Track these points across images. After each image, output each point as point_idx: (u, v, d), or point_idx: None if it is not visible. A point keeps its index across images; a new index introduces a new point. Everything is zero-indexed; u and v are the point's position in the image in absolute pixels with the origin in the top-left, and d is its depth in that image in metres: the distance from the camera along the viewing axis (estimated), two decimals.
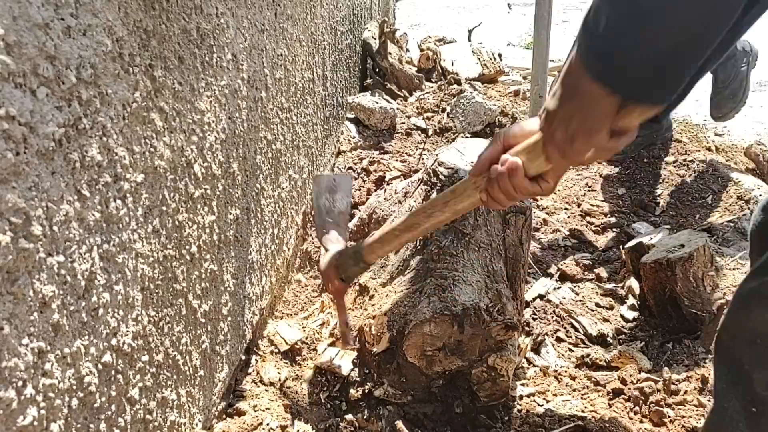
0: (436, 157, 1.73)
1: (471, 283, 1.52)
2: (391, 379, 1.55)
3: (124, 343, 0.95)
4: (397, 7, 5.39)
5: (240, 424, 1.40)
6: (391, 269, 1.66)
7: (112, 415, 0.92)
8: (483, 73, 3.86)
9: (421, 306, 1.50)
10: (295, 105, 1.96)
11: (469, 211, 1.57)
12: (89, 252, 0.84)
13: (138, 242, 0.98)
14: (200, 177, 1.22)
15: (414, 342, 1.49)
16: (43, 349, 0.75)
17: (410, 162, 2.78)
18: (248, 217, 1.55)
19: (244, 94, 1.46)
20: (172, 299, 1.13)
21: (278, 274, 1.87)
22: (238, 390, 1.54)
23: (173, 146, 1.09)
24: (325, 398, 1.57)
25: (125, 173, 0.93)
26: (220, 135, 1.32)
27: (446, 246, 1.57)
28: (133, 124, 0.95)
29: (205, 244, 1.27)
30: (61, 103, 0.76)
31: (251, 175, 1.55)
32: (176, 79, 1.09)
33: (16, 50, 0.68)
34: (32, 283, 0.72)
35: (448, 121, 3.16)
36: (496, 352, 1.49)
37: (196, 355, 1.26)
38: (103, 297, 0.88)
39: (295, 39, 1.92)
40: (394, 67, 3.46)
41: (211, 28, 1.23)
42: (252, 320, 1.63)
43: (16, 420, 0.71)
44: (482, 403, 1.54)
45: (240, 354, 1.57)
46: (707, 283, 1.84)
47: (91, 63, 0.82)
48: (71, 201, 0.79)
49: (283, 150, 1.84)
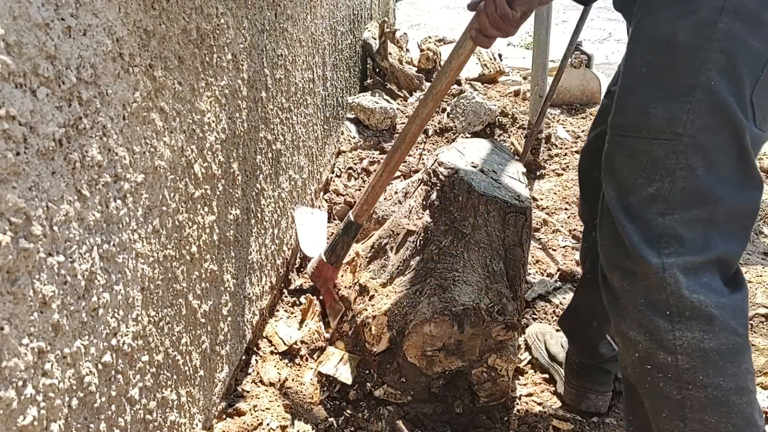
0: (436, 157, 1.73)
1: (471, 283, 1.52)
2: (391, 379, 1.55)
3: (124, 343, 0.95)
4: (397, 7, 5.39)
5: (240, 424, 1.40)
6: (391, 269, 1.66)
7: (112, 415, 0.92)
8: (483, 74, 3.86)
9: (421, 306, 1.50)
10: (295, 105, 1.96)
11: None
12: (89, 252, 0.84)
13: (138, 242, 0.98)
14: (200, 177, 1.22)
15: (414, 342, 1.49)
16: (43, 349, 0.75)
17: (410, 162, 2.78)
18: (248, 217, 1.55)
19: (244, 95, 1.46)
20: (172, 299, 1.13)
21: (278, 274, 1.87)
22: (238, 390, 1.54)
23: (173, 146, 1.09)
24: (325, 398, 1.57)
25: (125, 173, 0.93)
26: (220, 135, 1.32)
27: (446, 246, 1.57)
28: (134, 124, 0.95)
29: (205, 244, 1.27)
30: (61, 103, 0.76)
31: (251, 175, 1.55)
32: (176, 79, 1.09)
33: (17, 50, 0.68)
34: (32, 283, 0.72)
35: (448, 121, 3.16)
36: (496, 352, 1.49)
37: (196, 355, 1.26)
38: (103, 297, 0.88)
39: (295, 39, 1.92)
40: (394, 67, 3.46)
41: (211, 29, 1.23)
42: (252, 320, 1.63)
43: (16, 420, 0.71)
44: (482, 403, 1.54)
45: (240, 354, 1.57)
46: None
47: (92, 63, 0.82)
48: (71, 201, 0.79)
49: (283, 150, 1.84)
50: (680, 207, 1.02)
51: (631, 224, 1.05)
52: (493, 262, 1.59)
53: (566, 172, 2.97)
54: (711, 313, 1.00)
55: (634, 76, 1.05)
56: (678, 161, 1.00)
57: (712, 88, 0.97)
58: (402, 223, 1.70)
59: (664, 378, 1.03)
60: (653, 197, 1.03)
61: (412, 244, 1.64)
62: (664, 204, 1.02)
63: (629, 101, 1.05)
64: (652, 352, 1.04)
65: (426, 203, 1.66)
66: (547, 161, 3.08)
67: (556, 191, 2.80)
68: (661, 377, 1.04)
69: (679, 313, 1.01)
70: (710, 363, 1.00)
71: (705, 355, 1.00)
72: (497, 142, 2.03)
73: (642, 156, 1.03)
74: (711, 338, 1.00)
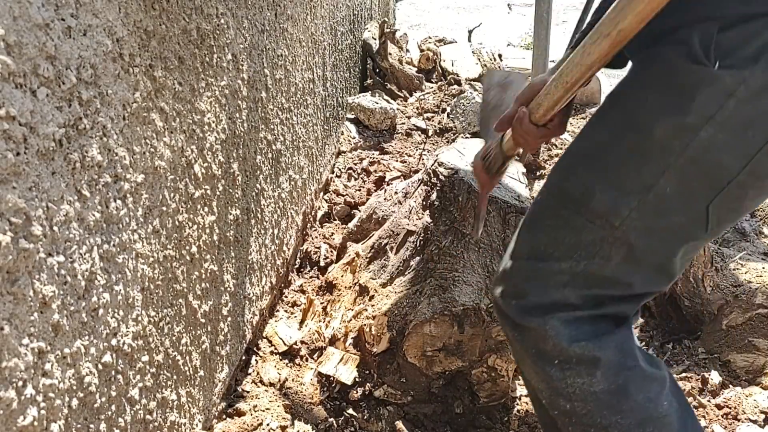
0: (436, 157, 1.73)
1: (471, 283, 1.52)
2: (391, 379, 1.55)
3: (124, 344, 0.95)
4: (397, 7, 5.39)
5: (240, 425, 1.40)
6: (391, 270, 1.66)
7: (112, 415, 0.92)
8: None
9: (421, 306, 1.50)
10: (295, 105, 1.96)
11: (469, 213, 1.57)
12: (89, 252, 0.84)
13: (138, 242, 0.98)
14: (200, 177, 1.22)
15: (414, 342, 1.49)
16: (43, 349, 0.75)
17: (410, 162, 2.78)
18: (248, 217, 1.55)
19: (244, 95, 1.46)
20: (172, 299, 1.13)
21: (278, 274, 1.87)
22: (238, 390, 1.54)
23: (173, 146, 1.09)
24: (325, 398, 1.57)
25: (125, 173, 0.93)
26: (220, 135, 1.32)
27: (446, 246, 1.58)
28: (134, 125, 0.95)
29: (205, 244, 1.27)
30: (61, 103, 0.76)
31: (251, 175, 1.56)
32: (176, 79, 1.09)
33: (17, 50, 0.68)
34: (32, 283, 0.72)
35: (448, 122, 3.16)
36: (496, 353, 1.49)
37: (196, 355, 1.26)
38: (103, 297, 0.88)
39: (295, 39, 1.92)
40: (394, 67, 3.46)
41: (211, 29, 1.23)
42: (252, 320, 1.63)
43: (16, 420, 0.71)
44: (482, 404, 1.54)
45: (240, 354, 1.57)
46: (707, 284, 1.84)
47: (92, 63, 0.82)
48: (71, 201, 0.79)
49: (283, 150, 1.84)
50: (582, 286, 0.98)
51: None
52: (493, 262, 1.59)
53: None
54: (595, 356, 0.98)
55: (599, 142, 0.97)
56: (601, 249, 0.96)
57: (666, 195, 0.91)
58: (402, 223, 1.70)
59: (570, 422, 1.03)
60: (560, 272, 0.99)
61: (412, 244, 1.64)
62: (568, 278, 0.98)
63: (582, 171, 0.98)
64: (554, 399, 1.03)
65: (426, 203, 1.66)
66: (547, 161, 3.08)
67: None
68: (567, 422, 1.04)
69: (566, 360, 0.99)
70: (604, 404, 0.99)
71: (597, 398, 0.99)
72: None
73: (569, 232, 0.98)
74: (599, 381, 0.99)
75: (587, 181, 0.97)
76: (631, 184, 0.93)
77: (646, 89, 0.93)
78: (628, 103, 0.96)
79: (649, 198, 0.92)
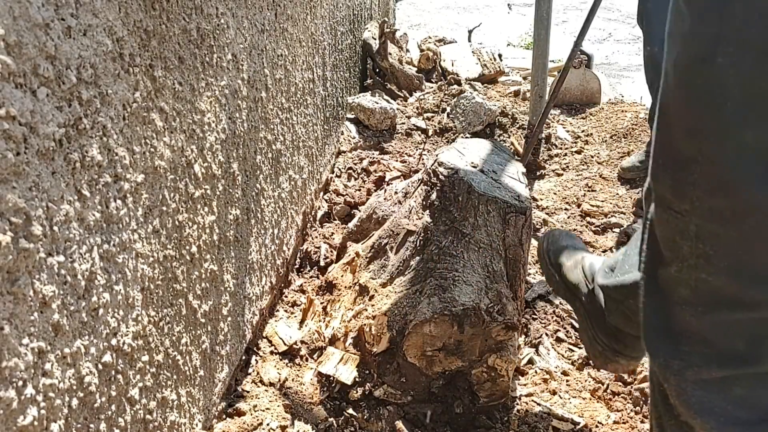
0: (436, 157, 1.73)
1: (471, 283, 1.52)
2: (391, 379, 1.55)
3: (124, 343, 0.95)
4: (397, 7, 5.39)
5: (240, 425, 1.40)
6: (391, 269, 1.66)
7: (112, 415, 0.92)
8: (483, 74, 3.86)
9: (421, 306, 1.50)
10: (295, 105, 1.96)
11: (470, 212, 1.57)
12: (89, 252, 0.84)
13: (138, 242, 0.98)
14: (200, 177, 1.22)
15: (414, 342, 1.49)
16: (43, 349, 0.75)
17: (410, 162, 2.78)
18: (248, 217, 1.55)
19: (244, 95, 1.46)
20: (172, 299, 1.13)
21: (278, 274, 1.87)
22: (238, 390, 1.54)
23: (173, 146, 1.09)
24: (325, 398, 1.57)
25: (125, 173, 0.93)
26: (220, 135, 1.32)
27: (446, 246, 1.58)
28: (134, 124, 0.95)
29: (205, 244, 1.27)
30: (61, 103, 0.76)
31: (251, 175, 1.56)
32: (176, 79, 1.09)
33: (17, 50, 0.68)
34: (32, 283, 0.72)
35: (448, 122, 3.16)
36: (496, 353, 1.49)
37: (196, 355, 1.26)
38: (103, 297, 0.88)
39: (295, 39, 1.92)
40: (394, 67, 3.46)
41: (211, 29, 1.23)
42: (252, 320, 1.63)
43: (16, 420, 0.71)
44: (482, 404, 1.54)
45: (240, 354, 1.57)
46: None
47: (92, 63, 0.82)
48: (71, 201, 0.79)
49: (283, 150, 1.84)
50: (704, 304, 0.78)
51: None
52: (493, 262, 1.59)
53: (566, 172, 2.98)
54: None
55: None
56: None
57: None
58: (402, 223, 1.70)
59: None
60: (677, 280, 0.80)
61: (412, 244, 1.64)
62: (688, 292, 0.78)
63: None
64: None
65: (426, 203, 1.66)
66: (547, 161, 3.08)
67: (556, 191, 2.80)
68: None
69: None
70: None
71: None
72: (497, 143, 2.03)
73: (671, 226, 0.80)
74: None
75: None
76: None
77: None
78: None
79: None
